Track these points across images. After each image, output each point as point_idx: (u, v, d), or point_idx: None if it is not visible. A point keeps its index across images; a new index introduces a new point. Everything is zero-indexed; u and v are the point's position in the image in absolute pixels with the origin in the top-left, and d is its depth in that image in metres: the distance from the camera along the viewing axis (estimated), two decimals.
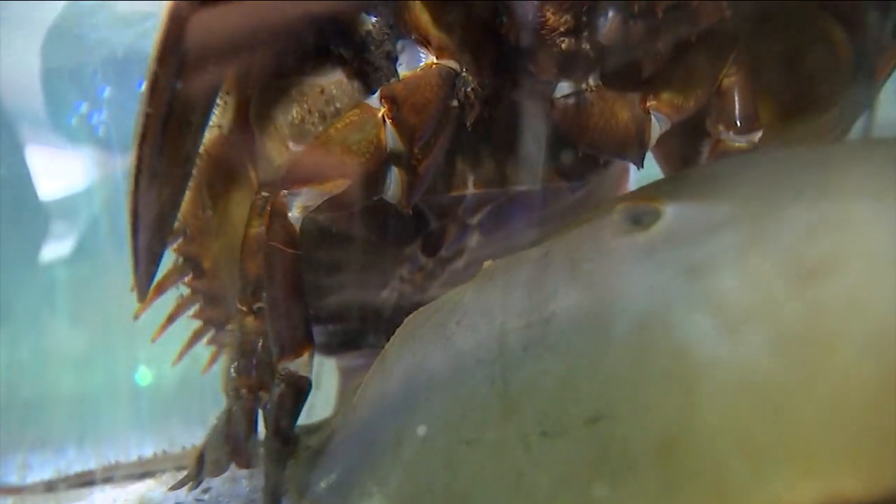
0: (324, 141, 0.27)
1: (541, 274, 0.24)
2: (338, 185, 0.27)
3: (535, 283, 0.24)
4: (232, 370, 0.29)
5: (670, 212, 0.23)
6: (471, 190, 0.32)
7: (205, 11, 0.26)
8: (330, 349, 0.42)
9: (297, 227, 0.26)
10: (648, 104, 0.28)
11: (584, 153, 0.29)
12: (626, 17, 0.25)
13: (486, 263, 0.27)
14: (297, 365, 0.26)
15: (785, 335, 0.17)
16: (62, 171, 0.68)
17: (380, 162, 0.27)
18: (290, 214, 0.26)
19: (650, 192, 0.25)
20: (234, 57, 0.29)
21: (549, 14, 0.26)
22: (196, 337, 0.44)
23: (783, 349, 0.17)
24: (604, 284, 0.22)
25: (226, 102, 0.34)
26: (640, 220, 0.23)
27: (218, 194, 0.35)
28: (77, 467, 0.46)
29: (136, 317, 0.40)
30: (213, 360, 0.46)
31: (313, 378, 0.27)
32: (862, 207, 0.19)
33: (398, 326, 0.28)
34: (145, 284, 0.33)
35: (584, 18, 0.26)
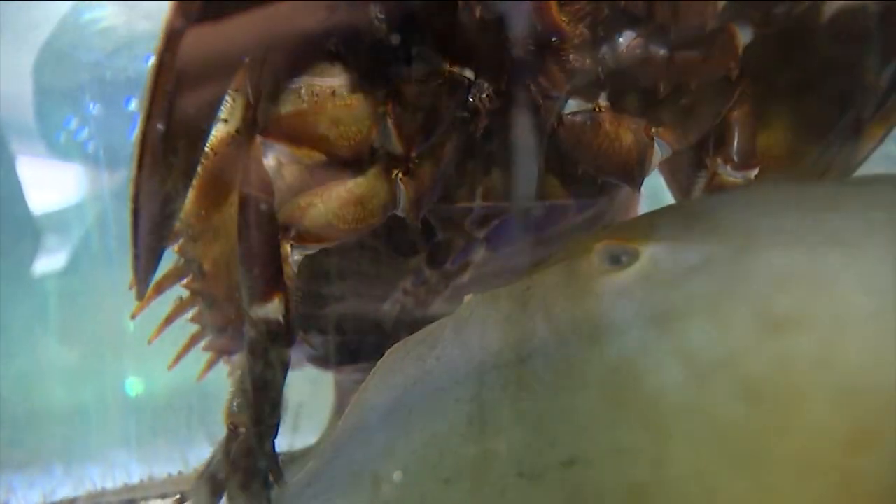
0: (315, 110, 0.27)
1: (520, 312, 0.25)
2: (311, 157, 0.27)
3: (514, 321, 0.25)
4: (234, 405, 0.29)
5: (648, 253, 0.23)
6: (479, 203, 0.32)
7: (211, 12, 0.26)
8: (327, 362, 0.42)
9: (271, 174, 0.27)
10: (653, 130, 0.28)
11: (584, 172, 0.29)
12: (642, 36, 0.25)
13: (467, 298, 0.27)
14: (268, 310, 0.26)
15: (754, 387, 0.17)
16: (51, 184, 0.68)
17: (359, 154, 0.27)
18: (264, 161, 0.27)
19: (630, 229, 0.25)
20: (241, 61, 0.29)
21: (563, 24, 0.25)
22: (193, 341, 0.43)
23: (752, 401, 0.17)
24: (580, 327, 0.22)
25: (234, 100, 0.33)
26: (618, 260, 0.23)
27: (222, 194, 0.35)
28: (64, 490, 0.46)
29: (133, 316, 0.40)
30: (210, 366, 0.46)
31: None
32: (833, 258, 0.19)
33: (398, 341, 0.29)
34: (144, 282, 0.32)
35: (600, 31, 0.26)
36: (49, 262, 0.77)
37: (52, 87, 0.59)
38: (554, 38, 0.25)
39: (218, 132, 0.33)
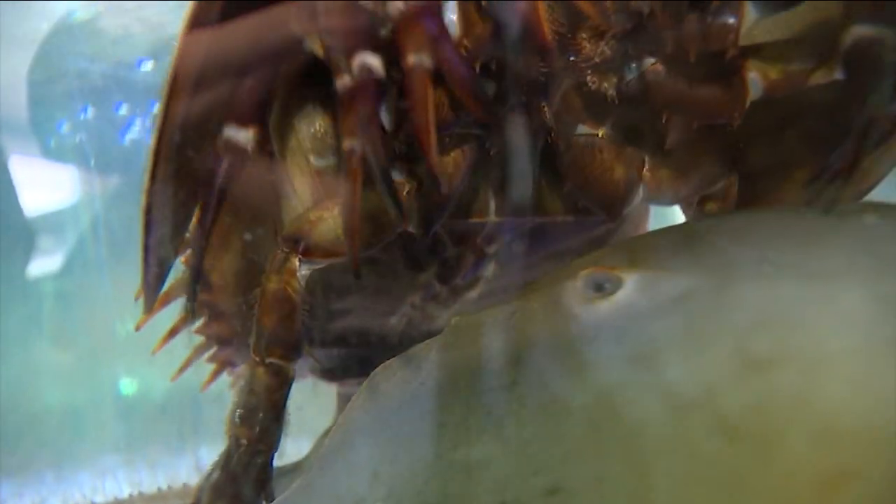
0: (350, 216, 0.27)
1: (504, 338, 0.25)
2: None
3: (498, 347, 0.25)
4: (236, 416, 0.29)
5: (631, 282, 0.23)
6: (491, 219, 0.32)
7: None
8: (333, 375, 0.42)
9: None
10: (645, 172, 0.28)
11: (568, 192, 0.30)
12: (661, 61, 0.26)
13: (453, 319, 0.28)
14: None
15: (732, 425, 0.18)
16: (43, 187, 0.69)
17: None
18: (298, 274, 0.27)
19: (616, 256, 0.26)
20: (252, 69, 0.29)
21: (584, 42, 0.26)
22: (198, 353, 0.43)
23: (731, 438, 0.18)
24: (562, 357, 0.23)
25: None
26: (602, 288, 0.24)
27: (231, 207, 0.35)
28: (54, 500, 0.46)
29: (138, 327, 0.40)
30: (214, 377, 0.46)
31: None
32: (813, 295, 0.19)
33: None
34: (154, 294, 0.33)
35: (621, 52, 0.26)
36: (44, 263, 0.78)
37: (45, 90, 0.59)
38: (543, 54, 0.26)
39: None
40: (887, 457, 0.17)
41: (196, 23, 0.26)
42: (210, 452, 0.34)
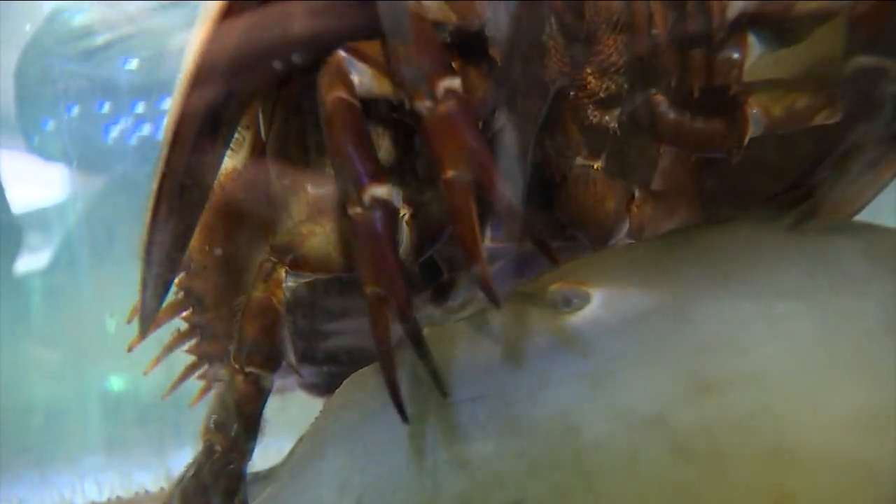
0: (339, 233, 0.27)
1: (473, 351, 0.25)
2: (340, 271, 0.28)
3: (467, 359, 0.25)
4: (211, 422, 0.29)
5: (599, 298, 0.24)
6: (486, 244, 0.32)
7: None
8: (318, 389, 0.43)
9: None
10: (633, 206, 0.29)
11: (556, 218, 0.30)
12: (664, 93, 0.26)
13: (425, 331, 0.28)
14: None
15: (682, 446, 0.18)
16: (28, 185, 0.69)
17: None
18: (284, 285, 0.28)
19: (585, 270, 0.26)
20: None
21: (589, 78, 0.26)
22: (189, 371, 0.44)
23: (680, 459, 0.18)
24: (530, 369, 0.23)
25: (243, 137, 0.34)
26: (569, 303, 0.24)
27: (227, 229, 0.36)
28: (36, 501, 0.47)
29: (130, 349, 0.40)
30: (203, 394, 0.47)
31: None
32: (767, 315, 0.20)
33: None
34: (151, 317, 0.33)
35: (625, 88, 0.26)
36: (32, 260, 0.78)
37: (32, 88, 0.60)
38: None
39: (224, 167, 0.34)
40: (834, 476, 0.18)
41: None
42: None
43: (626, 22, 0.25)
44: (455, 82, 0.22)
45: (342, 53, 0.25)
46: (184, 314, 0.40)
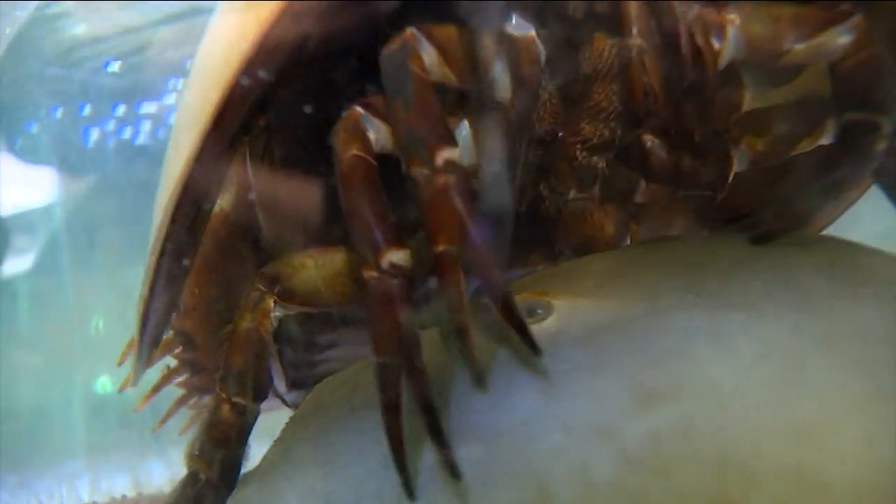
0: (329, 267, 0.28)
1: (437, 358, 0.26)
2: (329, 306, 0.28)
3: (430, 369, 0.26)
4: (196, 450, 0.30)
5: (561, 308, 0.24)
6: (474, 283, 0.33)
7: None
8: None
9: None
10: (632, 225, 0.30)
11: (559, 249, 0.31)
12: (655, 135, 0.27)
13: None
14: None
15: (627, 456, 0.19)
16: (10, 188, 0.70)
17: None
18: (272, 314, 0.28)
19: (551, 280, 0.27)
20: None
21: (584, 125, 0.27)
22: (179, 403, 0.45)
23: (627, 469, 0.19)
24: (490, 379, 0.24)
25: (231, 175, 0.34)
26: (533, 313, 0.25)
27: (217, 271, 0.36)
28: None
29: (121, 389, 0.41)
30: (191, 423, 0.47)
31: None
32: (721, 328, 0.20)
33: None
34: (148, 357, 0.33)
35: (618, 134, 0.27)
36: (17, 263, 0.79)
37: (13, 90, 0.61)
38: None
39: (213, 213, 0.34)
40: (776, 485, 0.18)
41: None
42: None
43: (621, 73, 0.26)
44: (455, 153, 0.22)
45: (359, 109, 0.25)
46: (175, 352, 0.41)
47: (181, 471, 0.31)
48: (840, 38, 0.23)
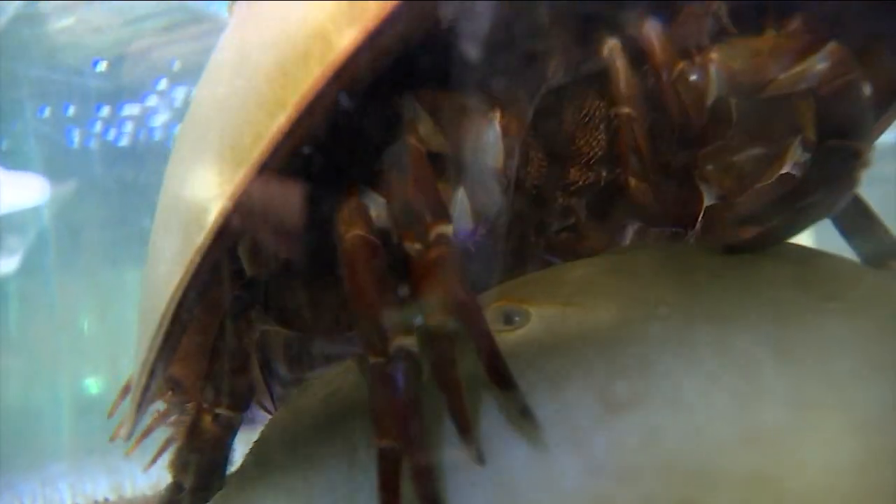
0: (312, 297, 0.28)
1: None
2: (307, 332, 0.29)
3: None
4: (179, 460, 0.30)
5: (538, 316, 0.25)
6: None
7: None
8: None
9: None
10: (629, 230, 0.30)
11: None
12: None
13: None
14: None
15: (593, 463, 0.20)
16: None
17: None
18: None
19: (529, 288, 0.27)
20: None
21: (573, 170, 0.28)
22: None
23: (592, 475, 0.20)
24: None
25: None
26: (511, 321, 0.25)
27: (207, 321, 0.35)
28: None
29: (111, 439, 0.42)
30: (161, 417, 0.47)
31: None
32: (689, 338, 0.21)
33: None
34: (144, 409, 0.34)
35: (602, 177, 0.28)
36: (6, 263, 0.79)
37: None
38: None
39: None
40: (735, 491, 0.19)
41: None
42: None
43: (609, 133, 0.27)
44: (448, 229, 0.22)
45: (358, 186, 0.25)
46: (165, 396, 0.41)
47: (164, 475, 0.32)
48: (818, 66, 0.24)
